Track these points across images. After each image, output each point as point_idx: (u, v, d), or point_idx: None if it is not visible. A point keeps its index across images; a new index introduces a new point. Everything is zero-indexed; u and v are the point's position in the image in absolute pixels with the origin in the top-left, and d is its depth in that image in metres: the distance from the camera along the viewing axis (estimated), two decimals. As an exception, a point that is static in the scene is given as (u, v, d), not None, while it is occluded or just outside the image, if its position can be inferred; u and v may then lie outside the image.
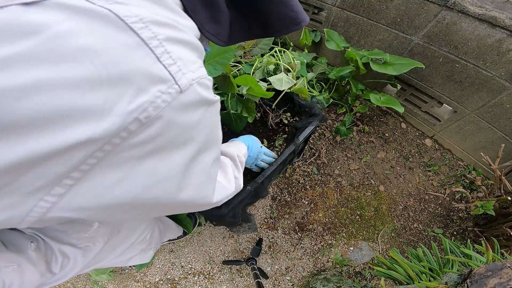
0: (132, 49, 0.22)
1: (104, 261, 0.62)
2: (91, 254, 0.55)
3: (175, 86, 0.25)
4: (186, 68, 0.26)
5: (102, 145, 0.23)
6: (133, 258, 0.76)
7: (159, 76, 0.24)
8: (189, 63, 0.27)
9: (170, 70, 0.24)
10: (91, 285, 1.16)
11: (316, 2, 1.41)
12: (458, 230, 1.19)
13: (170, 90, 0.24)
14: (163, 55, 0.24)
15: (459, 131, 1.25)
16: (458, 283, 0.51)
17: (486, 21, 0.92)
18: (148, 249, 0.80)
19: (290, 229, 1.22)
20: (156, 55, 0.24)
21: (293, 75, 1.10)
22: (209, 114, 0.32)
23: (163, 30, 0.24)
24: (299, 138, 0.90)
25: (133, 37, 0.22)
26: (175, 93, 0.25)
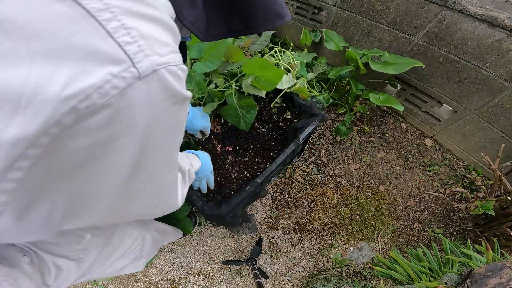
0: (71, 21, 0.18)
1: (97, 271, 0.62)
2: (84, 266, 0.54)
3: (132, 69, 0.20)
4: (150, 50, 0.21)
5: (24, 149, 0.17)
6: (126, 267, 0.75)
7: (110, 56, 0.19)
8: (157, 45, 0.22)
9: (127, 49, 0.19)
10: (91, 285, 1.16)
11: (316, 2, 1.41)
12: (458, 230, 1.19)
13: (124, 74, 0.19)
14: (118, 31, 0.19)
15: (459, 131, 1.25)
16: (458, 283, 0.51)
17: (486, 21, 0.92)
18: (140, 257, 0.79)
19: (290, 229, 1.22)
20: (107, 29, 0.19)
21: (293, 75, 1.10)
22: (176, 112, 0.27)
23: (121, 2, 0.20)
24: (299, 138, 0.90)
25: (74, 8, 0.18)
26: (131, 78, 0.20)
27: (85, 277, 0.58)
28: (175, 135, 0.31)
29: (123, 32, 0.19)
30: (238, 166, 1.01)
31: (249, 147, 1.06)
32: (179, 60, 0.25)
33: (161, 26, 0.23)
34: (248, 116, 0.94)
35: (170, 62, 0.23)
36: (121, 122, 0.21)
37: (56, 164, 0.20)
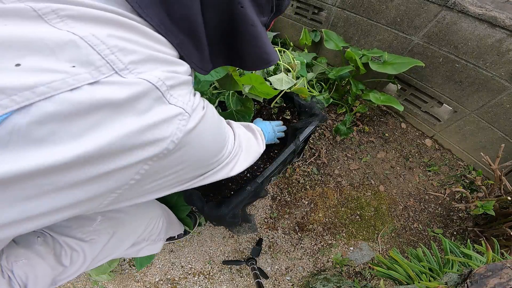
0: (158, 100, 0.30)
1: (116, 254, 0.64)
2: (97, 246, 0.57)
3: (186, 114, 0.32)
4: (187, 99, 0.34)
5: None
6: (143, 249, 0.77)
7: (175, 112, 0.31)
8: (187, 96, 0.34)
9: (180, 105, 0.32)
10: (91, 285, 1.16)
11: (316, 2, 1.41)
12: (458, 230, 1.19)
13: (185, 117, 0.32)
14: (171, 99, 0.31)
15: (459, 131, 1.25)
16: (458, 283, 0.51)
17: (486, 21, 0.92)
18: (158, 239, 0.82)
19: (290, 229, 1.22)
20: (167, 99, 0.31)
21: (293, 75, 1.10)
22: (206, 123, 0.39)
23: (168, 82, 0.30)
24: (299, 138, 0.90)
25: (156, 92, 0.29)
26: (188, 118, 0.33)
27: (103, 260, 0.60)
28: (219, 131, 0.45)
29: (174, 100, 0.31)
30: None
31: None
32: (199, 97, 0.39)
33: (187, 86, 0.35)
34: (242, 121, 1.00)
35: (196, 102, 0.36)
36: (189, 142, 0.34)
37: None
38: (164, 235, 0.85)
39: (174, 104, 0.30)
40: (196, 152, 0.36)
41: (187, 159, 0.35)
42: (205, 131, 0.37)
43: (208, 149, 0.40)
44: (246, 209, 1.20)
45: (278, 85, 1.01)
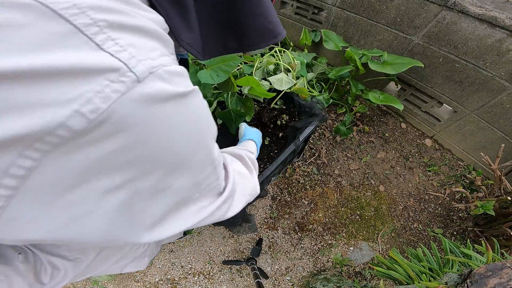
0: (63, 37, 0.19)
1: (98, 270, 0.62)
2: (82, 266, 0.54)
3: (129, 73, 0.21)
4: (142, 55, 0.22)
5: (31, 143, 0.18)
6: (128, 265, 0.75)
7: (105, 64, 0.20)
8: (146, 50, 0.23)
9: (119, 56, 0.21)
10: (91, 285, 1.16)
11: (316, 2, 1.41)
12: (458, 230, 1.19)
13: (122, 79, 0.20)
14: (106, 42, 0.20)
15: (459, 131, 1.25)
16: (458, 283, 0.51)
17: (486, 21, 0.92)
18: (143, 256, 0.79)
19: (290, 229, 1.22)
20: (96, 42, 0.20)
21: (293, 75, 1.10)
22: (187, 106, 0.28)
23: (106, 16, 0.21)
24: (299, 138, 0.90)
25: (63, 25, 0.19)
26: (130, 81, 0.21)
27: (84, 275, 0.58)
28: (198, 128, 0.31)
29: (111, 43, 0.21)
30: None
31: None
32: (172, 62, 0.26)
33: (146, 34, 0.25)
34: (239, 121, 1.00)
35: (163, 63, 0.24)
36: (132, 126, 0.22)
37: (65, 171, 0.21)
38: (152, 251, 0.82)
39: (109, 53, 0.21)
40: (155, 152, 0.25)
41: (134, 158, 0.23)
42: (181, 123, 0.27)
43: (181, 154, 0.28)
44: (246, 209, 1.21)
45: (278, 85, 1.02)
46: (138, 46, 0.23)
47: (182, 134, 0.28)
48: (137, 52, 0.22)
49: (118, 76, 0.20)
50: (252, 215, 1.23)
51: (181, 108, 0.27)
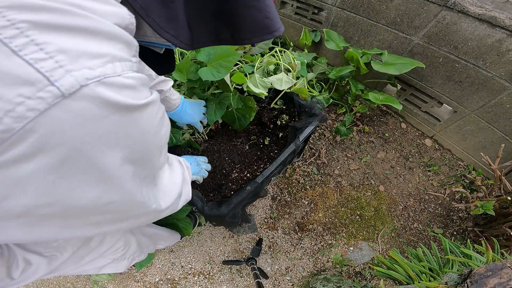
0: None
1: (70, 269, 0.61)
2: (56, 263, 0.54)
3: (50, 88, 0.18)
4: (75, 63, 0.19)
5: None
6: (106, 267, 0.74)
7: (18, 76, 0.17)
8: (84, 57, 0.20)
9: (39, 67, 0.17)
10: (91, 285, 1.16)
11: (316, 2, 1.41)
12: (458, 230, 1.19)
13: (40, 94, 0.17)
14: (27, 47, 0.17)
15: (459, 131, 1.25)
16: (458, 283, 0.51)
17: (486, 21, 0.92)
18: (122, 259, 0.78)
19: (290, 229, 1.22)
20: (11, 48, 0.17)
21: (293, 75, 1.10)
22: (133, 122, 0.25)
23: (30, 16, 0.18)
24: (299, 138, 0.90)
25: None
26: (52, 98, 0.18)
27: (56, 273, 0.58)
28: (144, 143, 0.29)
29: (33, 49, 0.18)
30: (239, 166, 1.01)
31: (249, 147, 1.06)
32: (123, 69, 0.23)
33: (93, 37, 0.21)
34: (243, 120, 1.01)
35: (107, 73, 0.21)
36: (57, 146, 0.20)
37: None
38: (133, 255, 0.81)
39: (26, 61, 0.17)
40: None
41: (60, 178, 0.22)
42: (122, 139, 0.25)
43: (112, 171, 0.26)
44: (246, 209, 1.21)
45: (278, 85, 1.01)
46: (73, 52, 0.19)
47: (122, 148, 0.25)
48: (69, 60, 0.19)
49: (35, 91, 0.17)
50: (252, 215, 1.23)
51: (125, 122, 0.24)
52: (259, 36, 0.36)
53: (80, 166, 0.23)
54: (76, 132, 0.20)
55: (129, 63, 0.25)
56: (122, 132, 0.25)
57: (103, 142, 0.23)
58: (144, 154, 0.30)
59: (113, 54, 0.23)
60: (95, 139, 0.22)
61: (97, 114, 0.21)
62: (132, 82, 0.24)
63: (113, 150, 0.25)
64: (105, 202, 0.28)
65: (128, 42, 0.25)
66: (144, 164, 0.31)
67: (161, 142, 0.35)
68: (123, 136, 0.25)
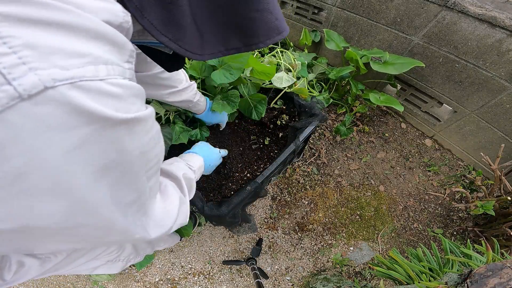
0: None
1: (63, 270, 0.60)
2: (49, 265, 0.53)
3: (5, 87, 0.15)
4: (43, 62, 0.17)
5: None
6: (99, 267, 0.73)
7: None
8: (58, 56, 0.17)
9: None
10: (91, 285, 1.16)
11: (316, 2, 1.41)
12: (458, 230, 1.19)
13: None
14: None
15: (459, 131, 1.25)
16: (458, 283, 0.51)
17: (486, 21, 0.92)
18: (116, 260, 0.76)
19: (290, 229, 1.22)
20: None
21: (294, 75, 1.10)
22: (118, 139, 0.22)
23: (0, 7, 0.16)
24: (299, 138, 0.90)
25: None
26: (7, 99, 0.15)
27: (48, 274, 0.57)
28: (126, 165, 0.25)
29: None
30: (240, 166, 1.01)
31: (250, 146, 1.06)
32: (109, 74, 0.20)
33: (73, 33, 0.18)
34: (259, 107, 0.98)
35: (84, 76, 0.18)
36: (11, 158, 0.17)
37: None
38: (128, 257, 0.80)
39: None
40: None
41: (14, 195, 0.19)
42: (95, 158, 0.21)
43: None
44: (246, 209, 1.21)
45: (278, 83, 1.02)
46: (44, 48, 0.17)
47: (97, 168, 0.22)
48: (37, 57, 0.16)
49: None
50: (252, 215, 1.23)
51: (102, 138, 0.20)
52: (271, 38, 0.35)
53: (40, 185, 0.19)
54: (35, 142, 0.17)
55: (118, 68, 0.22)
56: (96, 149, 0.21)
57: (71, 158, 0.19)
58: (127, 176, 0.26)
59: (96, 55, 0.20)
60: (59, 154, 0.19)
61: (64, 122, 0.18)
62: (118, 90, 0.21)
63: (84, 169, 0.21)
64: (74, 225, 0.24)
65: (119, 44, 0.22)
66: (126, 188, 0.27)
67: (149, 164, 0.30)
68: (97, 154, 0.21)
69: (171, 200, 0.44)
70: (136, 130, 0.24)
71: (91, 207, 0.24)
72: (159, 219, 0.38)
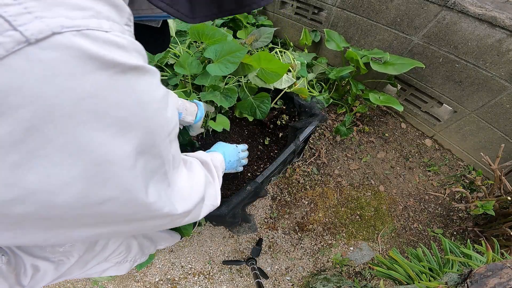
0: None
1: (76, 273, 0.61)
2: (63, 268, 0.53)
3: (11, 33, 0.15)
4: (48, 11, 0.16)
5: None
6: (108, 270, 0.74)
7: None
8: (63, 7, 0.17)
9: (2, 11, 0.15)
10: (91, 285, 1.16)
11: (316, 2, 1.41)
12: (458, 230, 1.19)
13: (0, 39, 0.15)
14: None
15: (459, 131, 1.25)
16: (458, 283, 0.51)
17: (486, 21, 0.92)
18: (124, 261, 0.77)
19: (290, 229, 1.22)
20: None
21: (293, 75, 1.10)
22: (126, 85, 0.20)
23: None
24: (299, 138, 0.90)
25: None
26: (13, 43, 0.15)
27: (62, 278, 0.57)
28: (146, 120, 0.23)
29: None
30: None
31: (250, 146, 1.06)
32: (111, 28, 0.20)
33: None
34: (263, 106, 0.97)
35: (89, 25, 0.18)
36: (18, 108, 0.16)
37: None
38: (134, 258, 0.81)
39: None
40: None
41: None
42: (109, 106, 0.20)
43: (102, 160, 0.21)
44: (246, 209, 1.21)
45: (278, 84, 1.02)
46: (49, 1, 0.16)
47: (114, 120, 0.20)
48: (42, 7, 0.16)
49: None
50: (252, 215, 1.23)
51: (116, 84, 0.19)
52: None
53: (54, 141, 0.18)
54: (44, 89, 0.16)
55: (119, 26, 0.21)
56: (113, 98, 0.20)
57: (85, 109, 0.18)
58: (148, 135, 0.24)
59: (98, 9, 0.19)
60: (72, 102, 0.17)
61: (75, 68, 0.17)
62: (123, 41, 0.20)
63: (101, 122, 0.19)
64: (96, 200, 0.22)
65: (118, 6, 0.22)
66: (149, 150, 0.25)
67: (169, 126, 0.28)
68: (114, 103, 0.20)
69: (197, 177, 0.43)
70: (148, 81, 0.23)
71: (111, 172, 0.22)
72: (184, 191, 0.36)
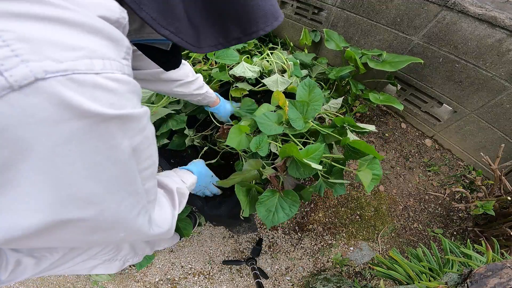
0: None
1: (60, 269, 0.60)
2: (45, 264, 0.53)
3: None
4: (35, 54, 0.17)
5: None
6: (97, 267, 0.73)
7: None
8: (52, 48, 0.17)
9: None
10: (91, 285, 1.16)
11: (316, 2, 1.41)
12: (458, 230, 1.19)
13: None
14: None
15: (459, 131, 1.25)
16: (458, 283, 0.51)
17: (486, 21, 0.92)
18: (113, 260, 0.76)
19: (290, 229, 1.22)
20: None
21: (288, 75, 1.11)
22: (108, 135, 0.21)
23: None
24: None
25: None
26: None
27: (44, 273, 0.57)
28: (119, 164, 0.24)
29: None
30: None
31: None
32: (105, 68, 0.20)
33: (68, 28, 0.19)
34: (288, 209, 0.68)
35: (77, 69, 0.18)
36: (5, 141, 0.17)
37: None
38: (125, 257, 0.80)
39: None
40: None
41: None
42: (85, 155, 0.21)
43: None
44: (246, 209, 1.20)
45: (274, 87, 1.02)
46: (37, 41, 0.17)
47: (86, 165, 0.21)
48: (30, 49, 0.16)
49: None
50: (252, 215, 1.23)
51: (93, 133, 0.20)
52: (270, 24, 0.34)
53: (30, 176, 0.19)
54: (23, 133, 0.17)
55: (116, 63, 0.22)
56: (88, 145, 0.20)
57: (61, 152, 0.19)
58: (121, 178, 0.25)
59: (93, 48, 0.19)
60: (50, 146, 0.18)
61: (52, 115, 0.18)
62: (113, 85, 0.21)
63: (73, 165, 0.20)
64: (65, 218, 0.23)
65: (116, 40, 0.22)
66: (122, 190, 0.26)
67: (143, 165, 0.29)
68: (88, 150, 0.21)
69: (165, 210, 0.45)
70: (129, 127, 0.24)
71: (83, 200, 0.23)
72: (158, 222, 0.39)
